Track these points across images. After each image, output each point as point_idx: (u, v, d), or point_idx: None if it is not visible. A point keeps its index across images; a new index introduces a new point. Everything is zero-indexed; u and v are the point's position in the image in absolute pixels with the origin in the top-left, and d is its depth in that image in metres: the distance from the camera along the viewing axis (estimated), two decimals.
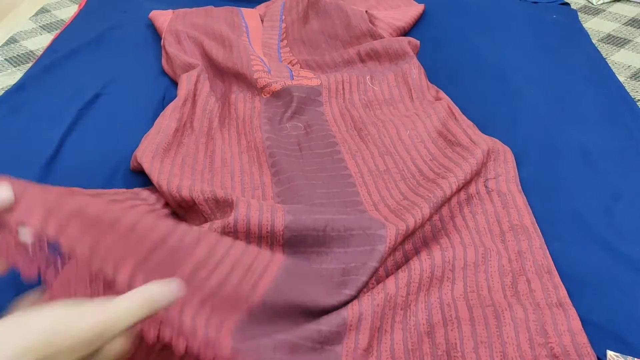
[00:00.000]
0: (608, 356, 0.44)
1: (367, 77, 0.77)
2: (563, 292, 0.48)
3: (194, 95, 0.72)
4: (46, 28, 1.02)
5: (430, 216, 0.53)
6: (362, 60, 0.81)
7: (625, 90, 0.77)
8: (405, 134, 0.65)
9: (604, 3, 1.09)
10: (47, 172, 0.61)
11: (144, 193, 0.58)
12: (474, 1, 0.99)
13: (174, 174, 0.58)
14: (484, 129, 0.67)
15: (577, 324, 0.45)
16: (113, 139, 0.66)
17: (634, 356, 0.44)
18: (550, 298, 0.47)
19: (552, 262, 0.51)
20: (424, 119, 0.68)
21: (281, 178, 0.59)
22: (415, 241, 0.53)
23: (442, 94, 0.73)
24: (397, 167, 0.62)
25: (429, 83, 0.76)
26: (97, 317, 0.29)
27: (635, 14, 1.04)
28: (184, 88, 0.71)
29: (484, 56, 0.84)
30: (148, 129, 0.64)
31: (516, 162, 0.63)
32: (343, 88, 0.75)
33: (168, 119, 0.65)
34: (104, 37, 0.89)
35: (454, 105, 0.71)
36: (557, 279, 0.49)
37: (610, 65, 0.84)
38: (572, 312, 0.46)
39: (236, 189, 0.59)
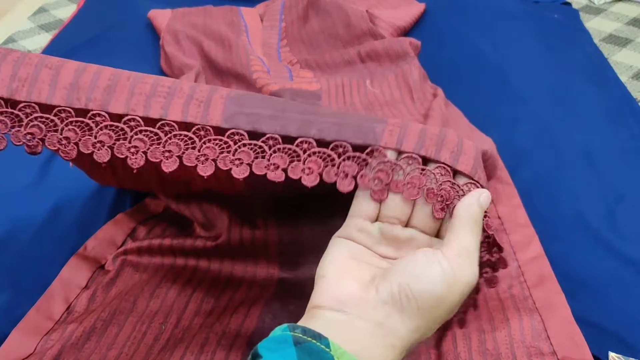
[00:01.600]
0: (610, 358, 0.43)
1: (367, 81, 0.76)
2: None
3: None
4: (44, 28, 1.02)
5: None
6: (363, 61, 0.81)
7: (627, 90, 0.77)
8: None
9: (605, 3, 1.09)
10: (44, 172, 0.60)
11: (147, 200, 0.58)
12: (475, 0, 0.99)
13: None
14: (485, 129, 0.66)
15: None
16: None
17: (636, 358, 0.43)
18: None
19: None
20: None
21: None
22: None
23: (439, 91, 0.72)
24: None
25: (429, 83, 0.76)
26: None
27: (637, 13, 1.04)
28: None
29: (484, 56, 0.84)
30: None
31: (517, 163, 0.63)
32: (343, 92, 0.75)
33: None
34: (102, 37, 0.89)
35: (450, 103, 0.71)
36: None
37: (612, 65, 0.84)
38: None
39: None
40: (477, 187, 0.32)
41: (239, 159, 0.32)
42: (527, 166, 0.63)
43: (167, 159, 0.32)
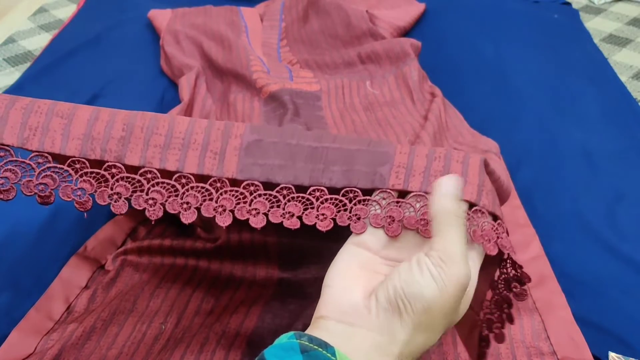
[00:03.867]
0: (610, 358, 0.43)
1: (367, 82, 0.76)
2: None
3: (192, 98, 0.71)
4: (45, 28, 1.02)
5: None
6: (363, 62, 0.81)
7: (627, 90, 0.77)
8: (405, 140, 0.65)
9: (605, 2, 1.09)
10: None
11: None
12: (475, 0, 0.99)
13: None
14: (485, 129, 0.66)
15: None
16: None
17: (636, 358, 0.43)
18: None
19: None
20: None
21: None
22: None
23: (437, 91, 0.72)
24: None
25: (428, 83, 0.75)
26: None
27: (637, 13, 1.04)
28: (186, 92, 0.71)
29: (484, 56, 0.84)
30: None
31: (517, 163, 0.63)
32: (343, 93, 0.75)
33: None
34: (102, 37, 0.89)
35: (449, 104, 0.71)
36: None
37: (612, 65, 0.84)
38: None
39: None
40: (485, 213, 0.33)
41: (256, 209, 0.33)
42: (527, 166, 0.63)
43: (186, 211, 0.32)
